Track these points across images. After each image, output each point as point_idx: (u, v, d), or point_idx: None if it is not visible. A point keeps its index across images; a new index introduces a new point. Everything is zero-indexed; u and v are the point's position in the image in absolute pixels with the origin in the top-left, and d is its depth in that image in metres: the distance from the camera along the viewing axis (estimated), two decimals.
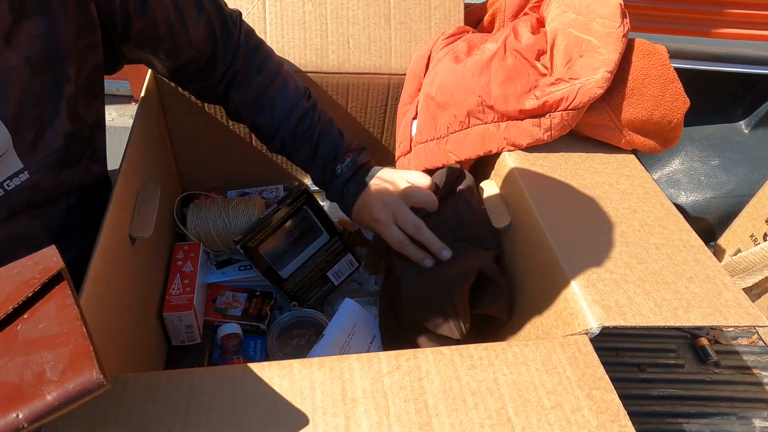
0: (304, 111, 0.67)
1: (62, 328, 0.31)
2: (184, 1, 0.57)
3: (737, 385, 0.81)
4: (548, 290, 0.56)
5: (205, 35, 0.60)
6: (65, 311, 0.32)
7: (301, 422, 0.39)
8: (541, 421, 0.41)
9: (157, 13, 0.54)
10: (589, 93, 0.63)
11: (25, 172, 0.47)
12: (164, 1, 0.54)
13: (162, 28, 0.55)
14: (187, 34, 0.58)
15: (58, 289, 0.33)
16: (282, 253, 0.78)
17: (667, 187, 1.19)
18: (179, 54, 0.60)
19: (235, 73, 0.65)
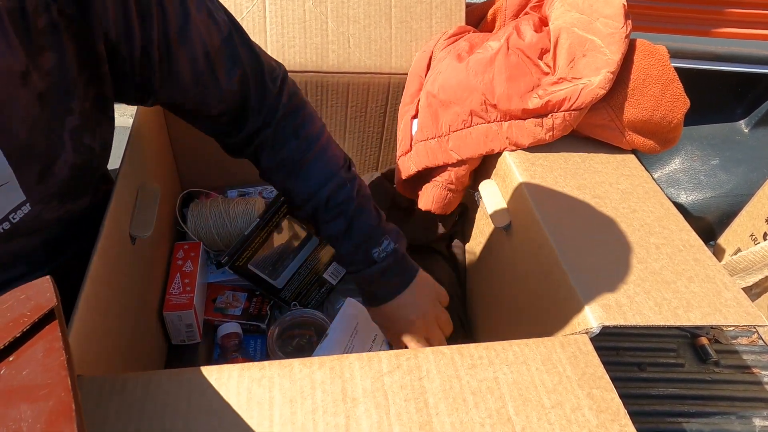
0: (341, 183, 0.60)
1: (46, 378, 0.29)
2: (218, 52, 0.53)
3: (737, 384, 0.81)
4: (548, 290, 0.56)
5: (237, 89, 0.56)
6: (52, 357, 0.30)
7: (301, 421, 0.39)
8: (541, 421, 0.41)
9: (183, 60, 0.50)
10: (591, 93, 0.63)
11: (27, 204, 0.47)
12: (192, 47, 0.50)
13: (187, 76, 0.52)
14: (217, 87, 0.54)
15: (49, 329, 0.31)
16: (273, 263, 0.78)
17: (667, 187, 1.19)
18: (207, 107, 0.56)
19: (267, 136, 0.60)
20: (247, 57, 0.56)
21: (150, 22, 0.47)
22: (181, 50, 0.50)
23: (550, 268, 0.55)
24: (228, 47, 0.53)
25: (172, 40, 0.49)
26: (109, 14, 0.44)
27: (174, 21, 0.48)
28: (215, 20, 0.53)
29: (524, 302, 0.62)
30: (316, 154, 0.61)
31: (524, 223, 0.62)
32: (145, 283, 0.66)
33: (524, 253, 0.63)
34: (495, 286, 0.72)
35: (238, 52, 0.55)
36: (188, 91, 0.53)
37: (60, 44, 0.43)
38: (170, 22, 0.48)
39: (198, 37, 0.50)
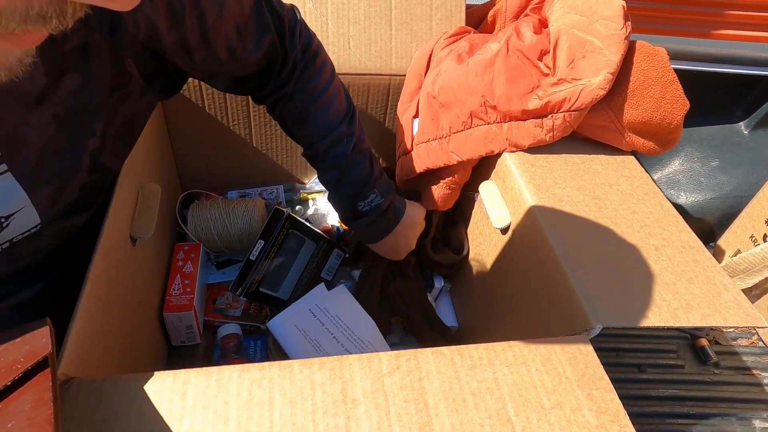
0: (339, 137, 0.66)
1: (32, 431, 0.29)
2: (247, 25, 0.55)
3: (737, 385, 0.81)
4: (548, 290, 0.56)
5: (265, 52, 0.59)
6: (40, 410, 0.30)
7: (301, 422, 0.39)
8: (541, 421, 0.41)
9: (218, 42, 0.53)
10: (591, 94, 0.63)
11: (38, 226, 0.47)
12: (225, 28, 0.52)
13: (223, 55, 0.54)
14: (247, 56, 0.57)
15: (40, 377, 0.31)
16: (276, 278, 0.78)
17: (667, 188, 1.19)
18: (240, 71, 0.59)
19: (286, 91, 0.64)
20: (275, 21, 0.59)
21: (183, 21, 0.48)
22: (218, 33, 0.52)
23: (549, 269, 0.55)
24: (257, 14, 0.56)
25: (209, 25, 0.50)
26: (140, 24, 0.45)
27: (211, 11, 0.50)
28: None
29: (524, 303, 0.63)
30: (321, 108, 0.65)
31: (524, 224, 0.63)
32: (145, 284, 0.66)
33: (524, 254, 0.63)
34: (495, 287, 0.72)
35: (266, 17, 0.57)
36: (222, 64, 0.56)
37: (86, 66, 0.43)
38: (207, 12, 0.49)
39: (231, 15, 0.52)
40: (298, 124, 0.66)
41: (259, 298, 0.77)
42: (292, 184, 0.97)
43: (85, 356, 0.44)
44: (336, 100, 0.67)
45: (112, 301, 0.52)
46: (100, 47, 0.43)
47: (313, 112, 0.65)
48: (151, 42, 0.47)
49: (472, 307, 0.80)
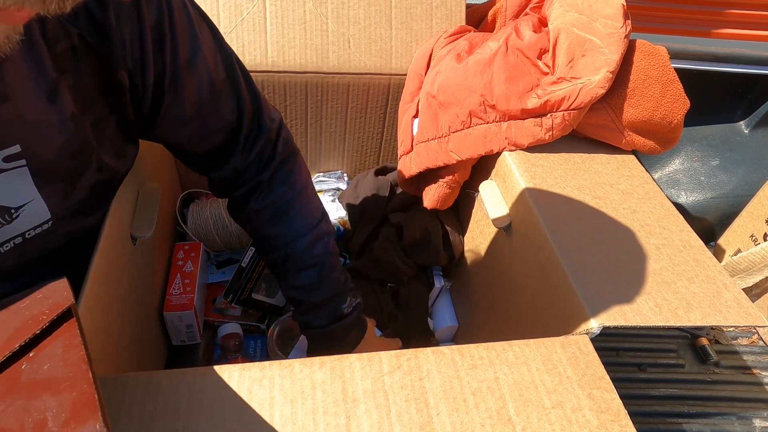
0: (320, 235, 0.62)
1: (68, 372, 0.30)
2: (222, 85, 0.53)
3: (737, 385, 0.81)
4: (548, 290, 0.56)
5: (235, 122, 0.56)
6: (72, 352, 0.31)
7: (302, 422, 0.39)
8: (541, 421, 0.41)
9: (188, 91, 0.51)
10: (590, 93, 0.63)
11: (50, 222, 0.47)
12: (198, 78, 0.51)
13: (190, 109, 0.52)
14: (216, 119, 0.55)
15: (67, 326, 0.32)
16: (272, 284, 0.78)
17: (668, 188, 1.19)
18: (203, 140, 0.56)
19: (263, 180, 0.60)
20: (248, 95, 0.56)
21: (163, 52, 0.47)
22: (188, 79, 0.50)
23: (550, 268, 0.55)
24: (231, 81, 0.54)
25: (181, 68, 0.49)
26: (127, 45, 0.45)
27: (184, 50, 0.49)
28: (223, 54, 0.53)
29: (524, 303, 0.63)
30: (301, 203, 0.62)
31: (524, 223, 0.63)
32: (145, 284, 0.66)
33: (524, 253, 0.63)
34: (495, 286, 0.72)
35: (240, 88, 0.55)
36: (189, 122, 0.53)
37: (77, 68, 0.43)
38: (180, 51, 0.48)
39: (205, 67, 0.51)
40: (278, 219, 0.61)
41: (252, 304, 0.77)
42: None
43: None
44: (314, 197, 0.64)
45: (112, 301, 0.52)
46: (87, 51, 0.43)
47: (295, 206, 0.61)
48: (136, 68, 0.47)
49: (472, 306, 0.80)
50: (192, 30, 0.50)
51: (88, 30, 0.42)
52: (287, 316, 0.76)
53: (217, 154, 0.58)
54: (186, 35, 0.49)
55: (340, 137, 0.92)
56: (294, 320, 0.66)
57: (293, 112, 0.86)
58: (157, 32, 0.47)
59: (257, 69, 0.79)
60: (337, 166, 0.97)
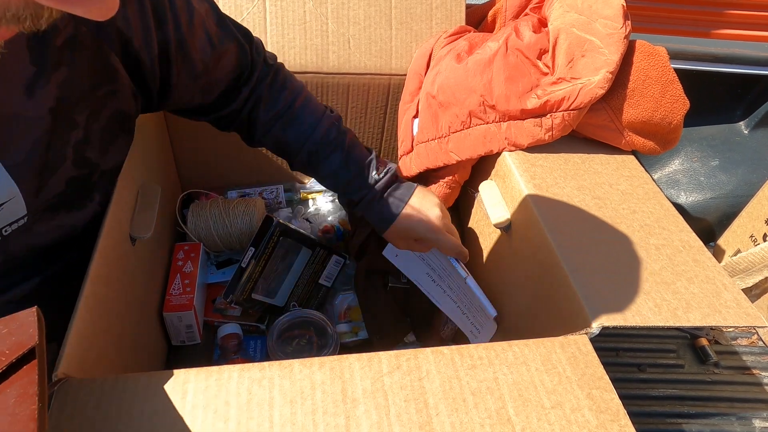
0: (330, 122, 0.67)
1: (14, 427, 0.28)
2: (216, 35, 0.56)
3: (737, 385, 0.81)
4: (548, 290, 0.56)
5: (236, 65, 0.60)
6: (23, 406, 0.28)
7: (301, 422, 0.40)
8: (541, 421, 0.41)
9: (194, 52, 0.53)
10: (590, 93, 0.63)
11: (25, 218, 0.47)
12: (198, 37, 0.53)
13: (199, 67, 0.55)
14: (220, 68, 0.58)
15: (26, 370, 0.30)
16: (270, 284, 0.78)
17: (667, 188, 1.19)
18: (211, 91, 0.60)
19: (260, 95, 0.64)
20: (240, 33, 0.60)
21: (165, 25, 0.49)
22: (192, 40, 0.53)
23: (550, 268, 0.55)
24: (222, 28, 0.57)
25: (184, 33, 0.51)
26: (131, 24, 0.46)
27: (183, 16, 0.51)
28: (212, 7, 0.56)
29: (524, 303, 0.63)
30: (304, 101, 0.66)
31: (524, 223, 0.63)
32: (145, 284, 0.66)
33: (524, 253, 0.63)
34: (495, 286, 0.72)
35: (231, 30, 0.59)
36: (199, 78, 0.56)
37: (73, 59, 0.44)
38: (181, 17, 0.50)
39: (201, 24, 0.53)
40: (289, 122, 0.66)
41: (250, 304, 0.77)
42: (292, 184, 0.97)
43: (85, 356, 0.44)
44: (312, 96, 0.69)
45: (111, 301, 0.52)
46: (85, 39, 0.44)
47: (298, 106, 0.65)
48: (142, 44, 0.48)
49: None
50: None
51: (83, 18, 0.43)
52: (287, 316, 0.76)
53: (226, 96, 0.62)
54: (181, 4, 0.51)
55: None
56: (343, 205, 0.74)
57: None
58: (157, 5, 0.48)
59: None
60: None
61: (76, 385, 0.40)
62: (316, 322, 0.76)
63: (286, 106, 0.65)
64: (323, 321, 0.75)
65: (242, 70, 0.61)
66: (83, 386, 0.40)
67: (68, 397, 0.40)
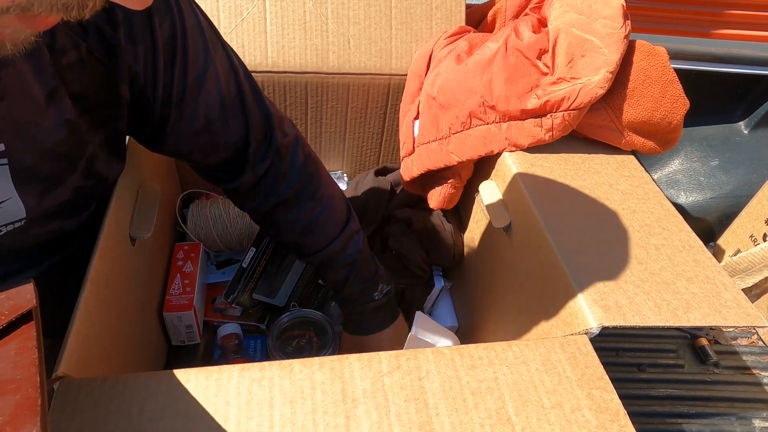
0: (350, 236, 0.66)
1: (16, 374, 0.30)
2: (232, 103, 0.55)
3: (737, 385, 0.81)
4: (548, 290, 0.56)
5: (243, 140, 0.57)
6: (24, 355, 0.31)
7: (301, 422, 0.40)
8: (541, 421, 0.41)
9: (198, 106, 0.52)
10: (590, 93, 0.63)
11: (23, 221, 0.47)
12: (207, 93, 0.52)
13: (199, 122, 0.53)
14: (224, 136, 0.56)
15: (25, 329, 0.32)
16: (271, 284, 0.78)
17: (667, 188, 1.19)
18: (211, 154, 0.58)
19: (289, 197, 0.62)
20: (259, 113, 0.58)
21: (174, 68, 0.49)
22: (198, 95, 0.51)
23: (550, 268, 0.55)
24: (241, 100, 0.55)
25: (190, 84, 0.50)
26: (140, 60, 0.46)
27: (195, 67, 0.50)
28: (236, 73, 0.55)
29: (524, 302, 0.63)
30: (329, 213, 0.65)
31: (524, 223, 0.63)
32: (145, 284, 0.66)
33: (524, 253, 0.63)
34: (495, 286, 0.72)
35: (249, 106, 0.56)
36: (198, 136, 0.55)
37: (81, 77, 0.44)
38: (191, 67, 0.50)
39: (215, 85, 0.52)
40: (309, 232, 0.64)
41: (253, 304, 0.77)
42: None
43: (84, 356, 0.44)
44: (338, 201, 0.66)
45: (111, 301, 0.52)
46: (94, 65, 0.44)
47: (323, 216, 0.64)
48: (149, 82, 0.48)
49: (472, 306, 0.80)
50: (205, 47, 0.51)
51: (96, 46, 0.44)
52: (287, 316, 0.76)
53: (227, 167, 0.59)
54: (198, 53, 0.50)
55: (340, 137, 0.92)
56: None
57: (293, 113, 0.86)
58: (168, 49, 0.48)
59: (257, 69, 0.79)
60: (337, 166, 0.97)
61: (76, 384, 0.40)
62: (316, 322, 0.76)
63: (311, 217, 0.64)
64: (323, 321, 0.76)
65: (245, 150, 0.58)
66: (83, 386, 0.40)
67: (68, 397, 0.40)
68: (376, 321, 0.70)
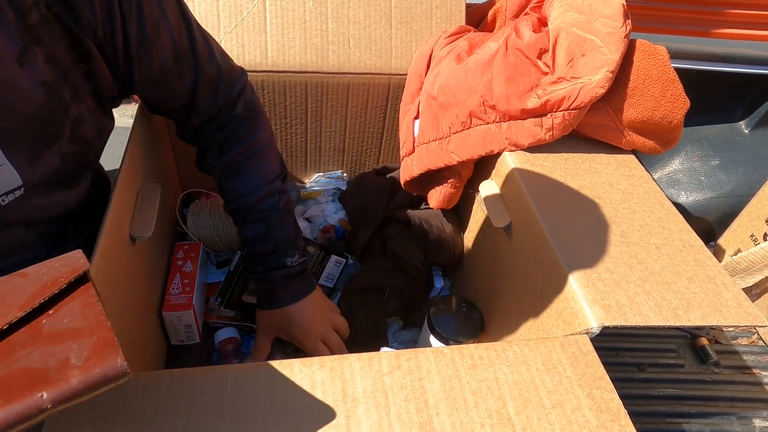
0: (270, 192, 0.66)
1: (87, 323, 0.32)
2: (185, 55, 0.57)
3: (737, 384, 0.81)
4: (548, 290, 0.56)
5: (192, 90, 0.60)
6: (90, 308, 0.33)
7: (302, 422, 0.39)
8: (541, 421, 0.41)
9: (155, 55, 0.54)
10: (591, 93, 0.63)
11: (21, 189, 0.48)
12: (162, 45, 0.54)
13: (157, 72, 0.55)
14: (178, 86, 0.58)
15: (83, 289, 0.34)
16: None
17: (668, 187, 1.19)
18: (168, 101, 0.61)
19: (218, 140, 0.65)
20: (210, 65, 0.60)
21: (130, 21, 0.50)
22: (154, 46, 0.53)
23: (550, 268, 0.55)
24: (192, 51, 0.57)
25: (148, 35, 0.52)
26: (97, 16, 0.47)
27: (150, 19, 0.51)
28: (187, 26, 0.56)
29: (524, 302, 0.62)
30: (256, 163, 0.66)
31: (524, 223, 0.62)
32: (144, 284, 0.66)
33: (524, 253, 0.63)
34: (495, 286, 0.72)
35: (201, 58, 0.58)
36: (157, 84, 0.57)
37: (51, 37, 0.45)
38: (147, 19, 0.51)
39: (168, 35, 0.54)
40: (231, 175, 0.66)
41: (243, 307, 0.77)
42: (292, 183, 0.97)
43: None
44: (272, 158, 0.68)
45: (111, 300, 0.52)
46: (55, 22, 0.45)
47: (249, 165, 0.65)
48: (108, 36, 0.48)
49: None
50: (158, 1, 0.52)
51: (54, 1, 0.44)
52: None
53: (177, 114, 0.63)
54: (151, 4, 0.51)
55: (340, 137, 0.92)
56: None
57: (293, 112, 0.86)
58: (124, 2, 0.48)
59: (257, 69, 0.79)
60: (337, 166, 0.97)
61: None
62: None
63: (236, 162, 0.65)
64: None
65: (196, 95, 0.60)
66: None
67: None
68: (289, 291, 0.67)
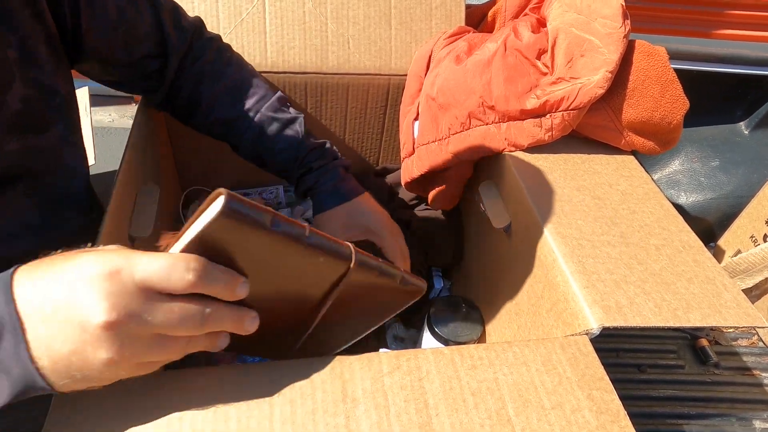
0: (283, 99, 0.65)
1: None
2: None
3: (737, 386, 0.81)
4: (548, 290, 0.56)
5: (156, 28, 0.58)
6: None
7: (301, 421, 0.39)
8: (541, 422, 0.41)
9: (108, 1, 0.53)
10: (590, 93, 0.63)
11: None
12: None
13: (113, 14, 0.53)
14: (139, 26, 0.57)
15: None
16: None
17: (667, 188, 1.19)
18: (131, 48, 0.58)
19: (202, 69, 0.62)
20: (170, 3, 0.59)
21: None
22: None
23: (550, 268, 0.55)
24: None
25: None
26: None
27: None
28: None
29: (524, 303, 0.62)
30: (254, 77, 0.64)
31: (524, 223, 0.62)
32: None
33: (524, 253, 0.63)
34: (495, 286, 0.72)
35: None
36: (116, 29, 0.55)
37: None
38: None
39: None
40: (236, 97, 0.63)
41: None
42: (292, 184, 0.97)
43: None
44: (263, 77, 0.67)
45: None
46: None
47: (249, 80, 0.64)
48: None
49: None
50: None
51: None
52: None
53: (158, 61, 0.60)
54: None
55: (340, 138, 0.92)
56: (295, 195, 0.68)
57: None
58: None
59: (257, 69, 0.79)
60: None
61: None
62: None
63: (237, 81, 0.63)
64: None
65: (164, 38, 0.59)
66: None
67: (68, 397, 0.39)
68: (353, 183, 0.64)
